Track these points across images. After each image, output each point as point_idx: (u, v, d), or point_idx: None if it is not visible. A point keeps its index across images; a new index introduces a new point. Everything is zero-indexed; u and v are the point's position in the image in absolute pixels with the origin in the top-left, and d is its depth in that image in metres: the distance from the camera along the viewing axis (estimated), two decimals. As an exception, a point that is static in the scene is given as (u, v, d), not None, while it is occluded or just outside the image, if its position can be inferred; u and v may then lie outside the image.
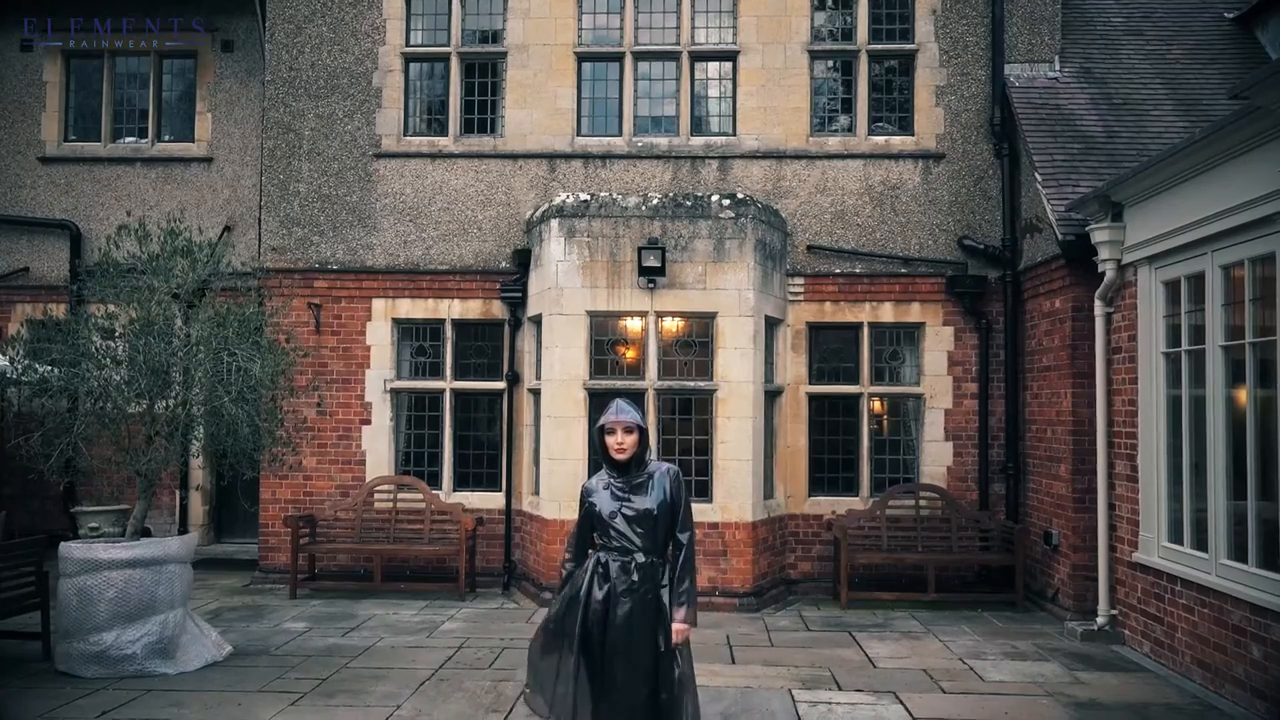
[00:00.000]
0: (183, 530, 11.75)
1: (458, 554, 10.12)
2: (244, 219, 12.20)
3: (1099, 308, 8.52)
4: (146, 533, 8.01)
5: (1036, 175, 9.42)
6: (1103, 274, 8.39)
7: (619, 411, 4.73)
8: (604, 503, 4.69)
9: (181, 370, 7.34)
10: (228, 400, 7.22)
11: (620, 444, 4.69)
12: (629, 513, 4.64)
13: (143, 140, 12.65)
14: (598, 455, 4.80)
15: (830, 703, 6.60)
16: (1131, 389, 8.12)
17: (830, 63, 11.08)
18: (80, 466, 7.22)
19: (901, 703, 6.61)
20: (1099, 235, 8.27)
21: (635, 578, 4.56)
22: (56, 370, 7.32)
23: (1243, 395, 6.65)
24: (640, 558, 4.60)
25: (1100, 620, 8.40)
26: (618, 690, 4.50)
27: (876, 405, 10.85)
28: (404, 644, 8.10)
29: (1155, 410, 7.71)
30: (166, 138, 12.70)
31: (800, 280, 10.65)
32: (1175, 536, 7.50)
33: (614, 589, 4.56)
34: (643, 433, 4.77)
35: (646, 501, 4.66)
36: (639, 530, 4.61)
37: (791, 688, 6.92)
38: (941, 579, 10.01)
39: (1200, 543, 7.13)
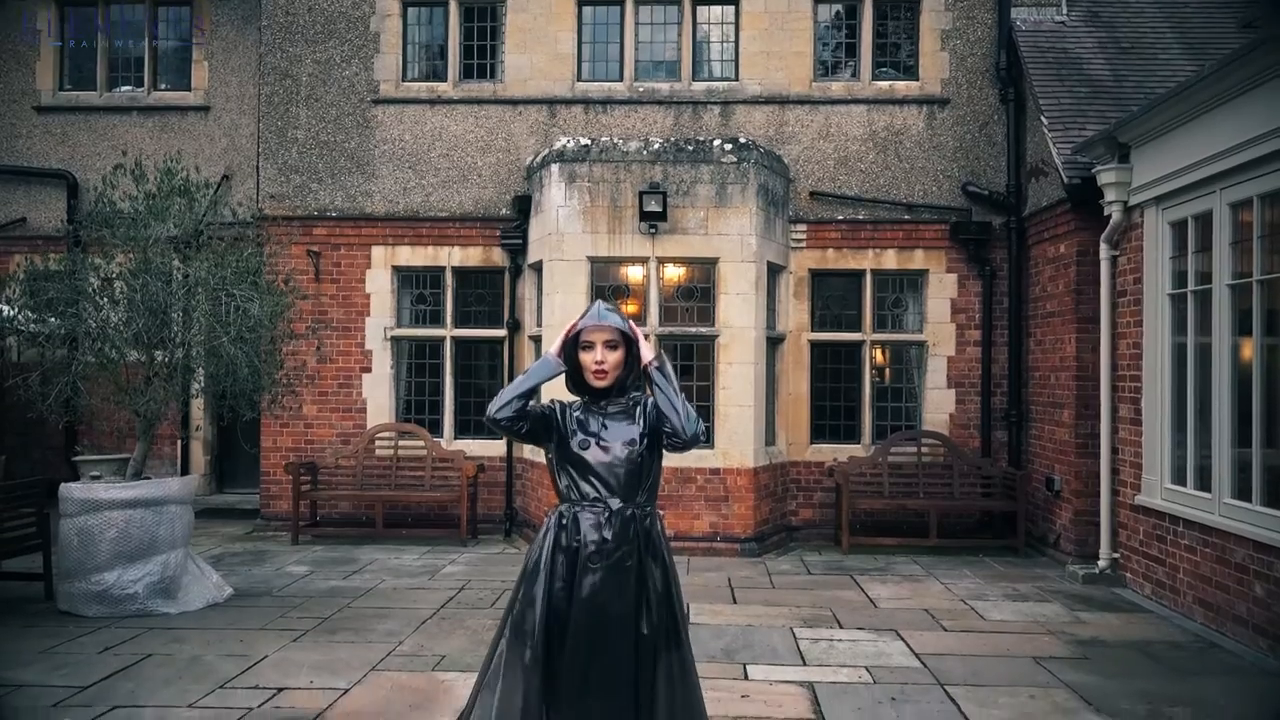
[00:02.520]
0: (184, 479, 11.75)
1: (459, 500, 10.12)
2: (242, 168, 12.09)
3: (1104, 251, 8.44)
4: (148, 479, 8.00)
5: (1043, 119, 9.31)
6: (1108, 217, 8.31)
7: (599, 316, 3.49)
8: (574, 431, 3.51)
9: (180, 311, 7.29)
10: (226, 340, 7.17)
11: (600, 362, 3.47)
12: (605, 446, 3.47)
13: (139, 89, 12.51)
14: (570, 380, 3.62)
15: (831, 640, 6.60)
16: (1136, 332, 8.07)
17: (834, 6, 10.92)
18: (79, 406, 7.18)
19: (903, 640, 6.62)
20: (1105, 177, 8.18)
21: (607, 535, 3.38)
22: (55, 320, 7.27)
23: (1248, 340, 6.60)
24: (615, 505, 3.43)
25: (1102, 563, 8.40)
26: (590, 695, 3.32)
27: (879, 353, 10.81)
28: (405, 586, 8.11)
29: (1160, 353, 7.66)
30: (163, 86, 12.55)
31: (803, 227, 10.56)
32: (1178, 479, 7.47)
33: (580, 553, 3.38)
34: (630, 347, 3.52)
35: (627, 430, 3.50)
36: (618, 471, 3.45)
37: (793, 626, 6.93)
38: (943, 525, 10.01)
39: (1203, 484, 7.10)
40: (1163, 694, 5.52)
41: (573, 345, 3.53)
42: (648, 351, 3.52)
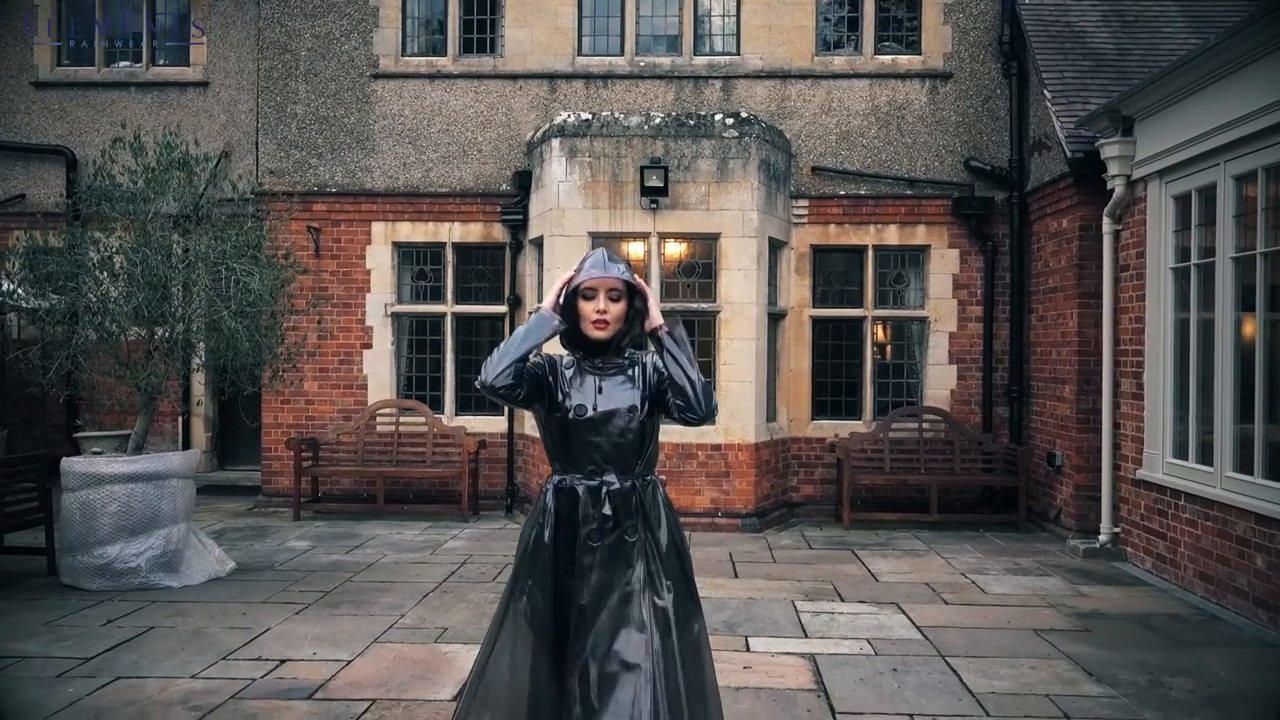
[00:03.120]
0: (186, 456, 11.76)
1: (460, 476, 10.13)
2: (241, 144, 12.03)
3: (1107, 225, 8.41)
4: (149, 452, 8.01)
5: (1046, 93, 9.25)
6: (1111, 191, 8.27)
7: (604, 264, 3.19)
8: (569, 394, 3.21)
9: (180, 285, 7.27)
10: (227, 315, 7.15)
11: (603, 312, 3.17)
12: (602, 412, 3.17)
13: (137, 64, 12.44)
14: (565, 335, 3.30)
15: (833, 612, 6.62)
16: (1139, 306, 8.05)
17: (836, -20, 10.85)
18: (80, 380, 7.17)
19: (904, 613, 6.63)
20: (1109, 150, 8.13)
21: (606, 511, 3.11)
22: (55, 295, 7.24)
23: (1251, 315, 6.58)
24: (612, 478, 3.16)
25: (1102, 538, 8.42)
26: (602, 679, 3.00)
27: (880, 329, 10.79)
28: (407, 560, 8.13)
29: (1162, 327, 7.64)
30: (161, 62, 12.49)
31: (804, 202, 10.52)
32: (1180, 453, 7.47)
33: (579, 532, 3.13)
34: (635, 299, 3.23)
35: (627, 394, 3.20)
36: (617, 440, 3.17)
37: (794, 599, 6.94)
38: (944, 500, 10.02)
39: (1205, 458, 7.10)
40: (1163, 665, 5.54)
41: (571, 296, 3.20)
42: (656, 313, 3.22)
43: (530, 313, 10.38)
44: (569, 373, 3.25)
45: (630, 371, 3.26)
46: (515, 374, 3.12)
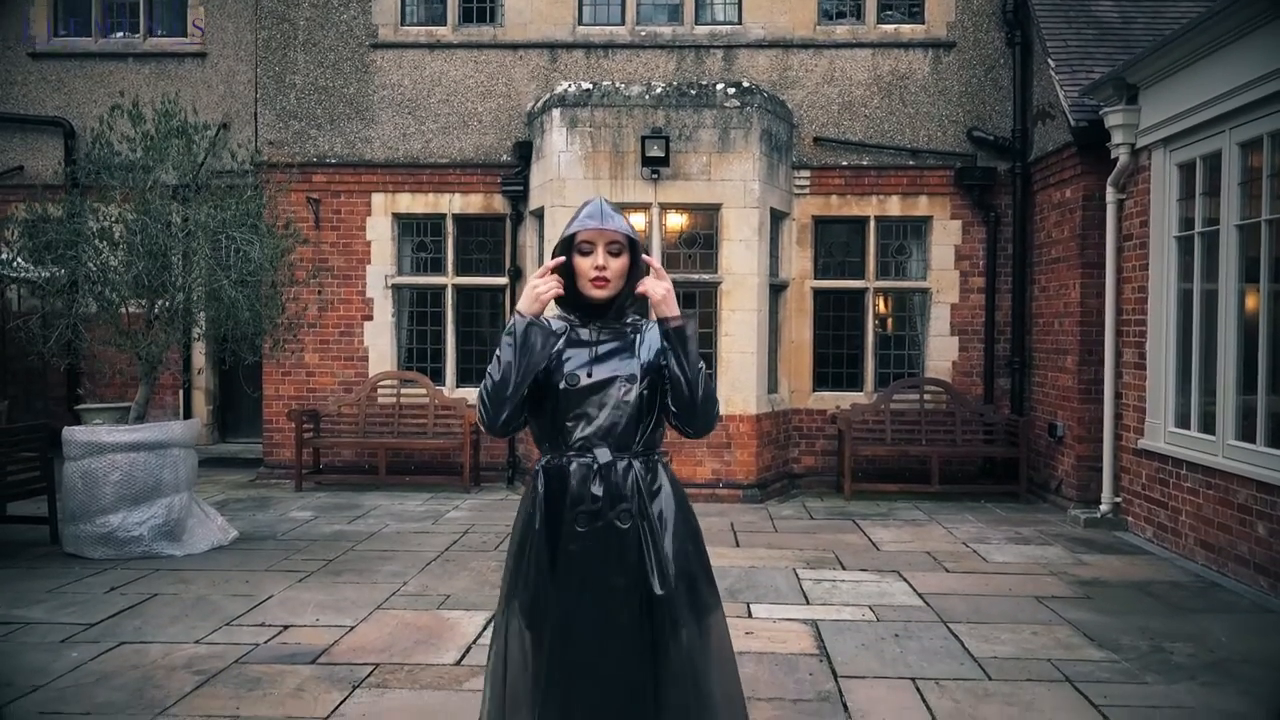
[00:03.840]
0: (187, 428, 11.76)
1: (461, 448, 10.13)
2: (240, 115, 11.97)
3: (1110, 194, 8.37)
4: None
5: (1050, 61, 9.19)
6: (1115, 160, 8.23)
7: (601, 214, 2.80)
8: (561, 362, 2.78)
9: (180, 254, 7.24)
10: (227, 284, 7.13)
11: (602, 268, 2.77)
12: (598, 383, 2.76)
13: (135, 35, 12.36)
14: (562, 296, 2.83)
15: (834, 580, 6.63)
16: (1142, 276, 8.02)
17: (839, -52, 10.76)
18: (80, 348, 7.16)
19: (905, 580, 6.64)
20: (1113, 119, 8.08)
21: (597, 492, 2.70)
22: (55, 263, 7.21)
23: (1254, 285, 6.56)
24: (605, 457, 2.73)
25: (1104, 507, 8.43)
26: (601, 679, 2.65)
27: (882, 300, 10.76)
28: (409, 530, 8.14)
29: (1165, 296, 7.62)
30: (159, 32, 12.40)
31: (806, 173, 10.47)
32: (1182, 422, 7.47)
33: (565, 516, 2.71)
34: (635, 254, 2.83)
35: (625, 363, 2.79)
36: (613, 414, 2.75)
37: (796, 567, 6.96)
38: (945, 471, 10.03)
39: (1207, 427, 7.10)
40: (1164, 630, 5.55)
41: (566, 249, 2.79)
42: (671, 300, 2.77)
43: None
44: (559, 340, 2.81)
45: (631, 339, 2.84)
46: (518, 406, 2.72)
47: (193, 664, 4.88)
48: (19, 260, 7.25)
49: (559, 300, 2.83)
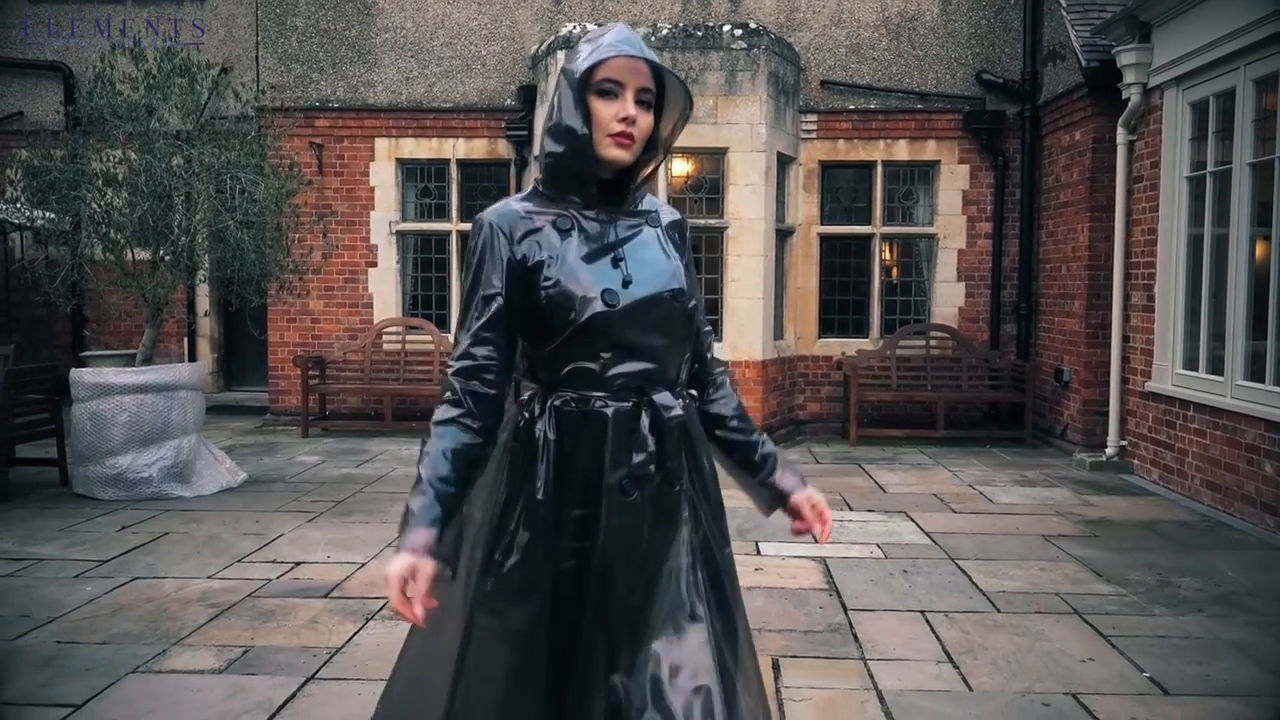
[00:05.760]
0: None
1: (468, 394, 10.12)
2: (241, 60, 11.81)
3: (1121, 135, 8.29)
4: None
5: (1061, 1, 9.06)
6: (1127, 100, 8.14)
7: (631, 42, 2.01)
8: (574, 267, 2.01)
9: (184, 195, 7.20)
10: (232, 225, 7.09)
11: (629, 120, 1.99)
12: (643, 295, 2.04)
13: (133, -23, 12.19)
14: (553, 151, 2.05)
15: (842, 520, 6.66)
16: (1152, 218, 7.97)
17: (848, -114, 10.57)
18: (85, 289, 7.15)
19: (913, 520, 6.67)
20: (1125, 58, 7.98)
21: (651, 446, 2.01)
22: (58, 205, 7.16)
23: (1266, 228, 6.51)
24: (659, 395, 2.04)
25: (1109, 451, 8.44)
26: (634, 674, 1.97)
27: (888, 246, 10.71)
28: (417, 473, 8.16)
29: (1175, 238, 7.57)
30: (157, -25, 12.23)
31: (813, 117, 10.37)
32: (1190, 365, 7.46)
33: (605, 481, 1.98)
34: (659, 111, 2.07)
35: (662, 262, 2.11)
36: (660, 337, 2.06)
37: (803, 508, 6.98)
38: (950, 417, 10.04)
39: (1215, 369, 7.09)
40: (1171, 566, 5.58)
41: (575, 89, 1.99)
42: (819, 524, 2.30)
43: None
44: (555, 237, 2.03)
45: (654, 231, 2.15)
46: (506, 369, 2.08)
47: (206, 597, 4.91)
48: (21, 200, 7.19)
49: (552, 170, 2.06)
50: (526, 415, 2.06)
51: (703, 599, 2.05)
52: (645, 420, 2.01)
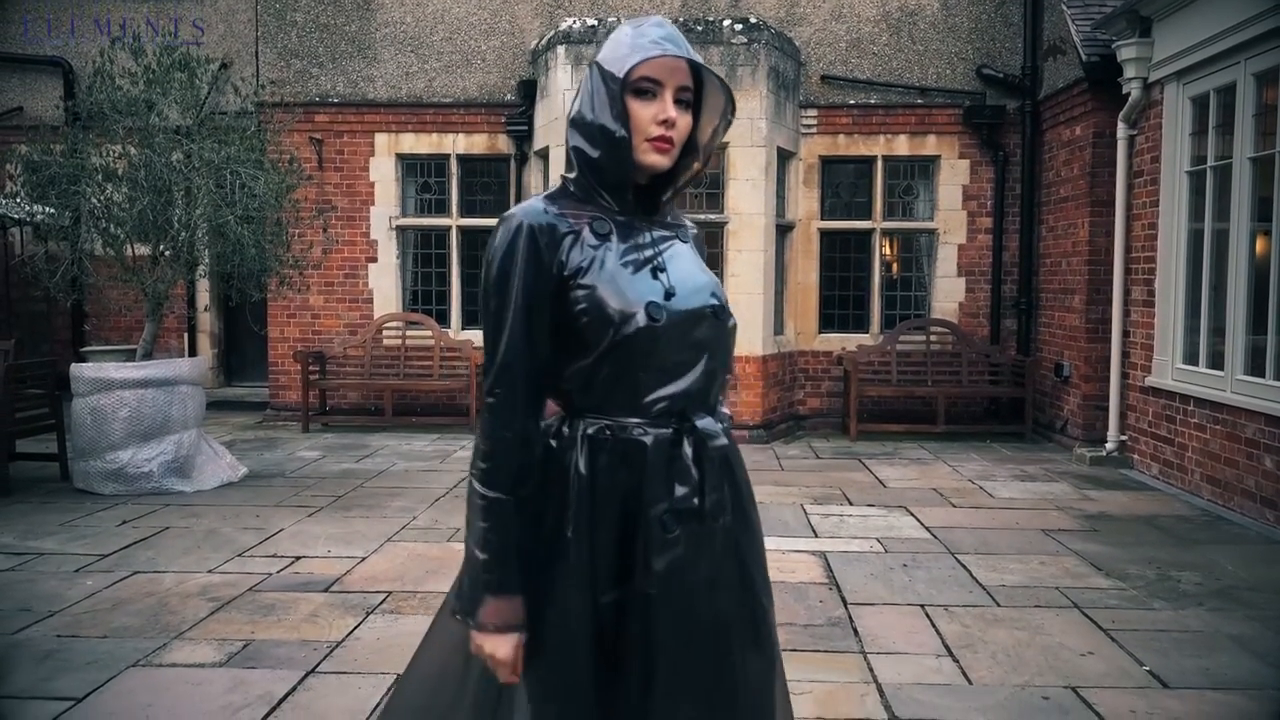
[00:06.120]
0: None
1: (468, 389, 10.14)
2: (240, 55, 11.79)
3: (1122, 130, 8.28)
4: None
5: (1062, -5, 9.06)
6: (1127, 95, 8.13)
7: (673, 38, 1.86)
8: (614, 275, 1.82)
9: (184, 190, 7.19)
10: (232, 220, 7.08)
11: (669, 123, 1.84)
12: (687, 306, 1.86)
13: (132, -27, 12.17)
14: (584, 161, 1.89)
15: (842, 515, 6.66)
16: (1152, 213, 7.96)
17: (848, -119, 10.55)
18: (85, 284, 7.15)
19: (913, 515, 6.67)
20: (1125, 53, 7.98)
21: (694, 474, 1.83)
22: (57, 199, 7.15)
23: (1267, 223, 6.50)
24: (702, 421, 1.85)
25: (1109, 446, 8.44)
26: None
27: (889, 241, 10.70)
28: (417, 468, 8.17)
29: (1175, 232, 7.57)
30: (156, -29, 12.21)
31: (813, 112, 10.36)
32: (1190, 359, 7.46)
33: (647, 515, 1.80)
34: (697, 113, 1.91)
35: (701, 275, 1.94)
36: (707, 359, 1.88)
37: (803, 503, 6.99)
38: (950, 412, 10.04)
39: (1216, 364, 7.09)
40: (1171, 560, 5.58)
41: (615, 91, 1.82)
42: None
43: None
44: (592, 241, 1.85)
45: (687, 242, 2.01)
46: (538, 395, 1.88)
47: (206, 592, 4.91)
48: (21, 195, 7.18)
49: (586, 174, 1.89)
50: (553, 443, 1.85)
51: (767, 600, 1.97)
52: (687, 449, 1.83)
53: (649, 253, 1.88)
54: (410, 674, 2.13)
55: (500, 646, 1.78)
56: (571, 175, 1.91)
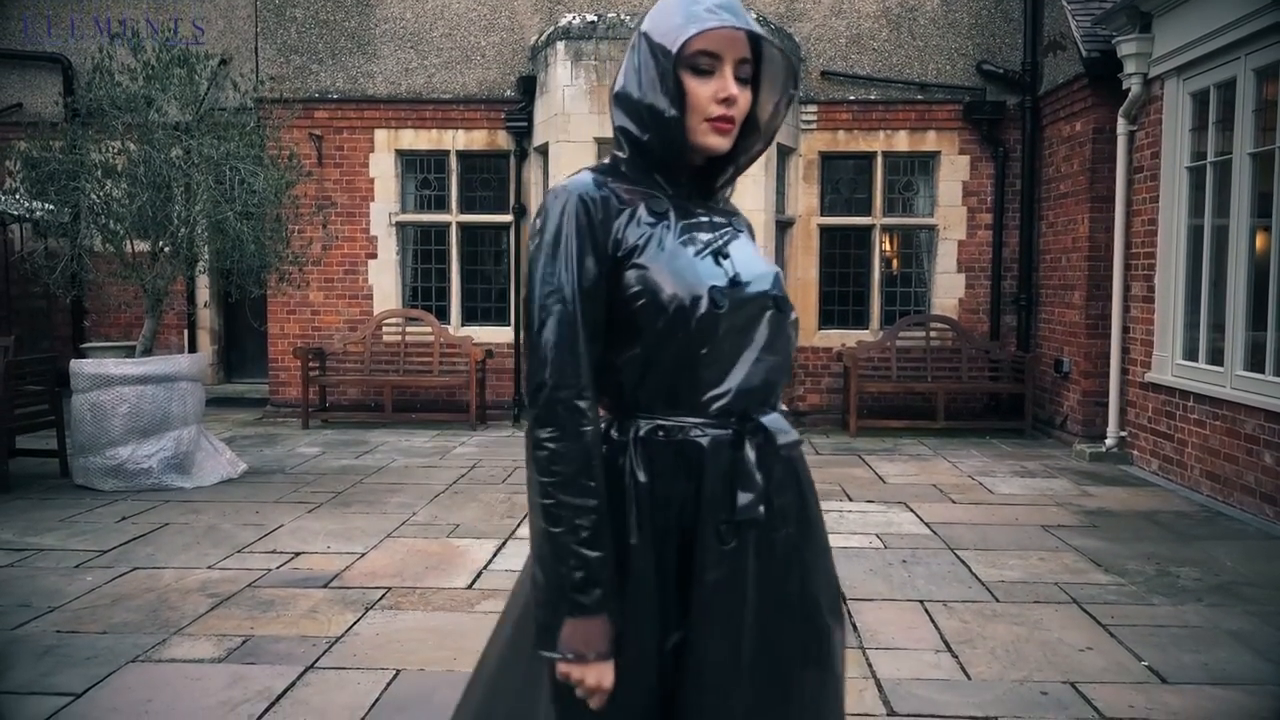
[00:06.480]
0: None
1: (467, 386, 10.14)
2: (240, 51, 11.80)
3: (1122, 126, 8.28)
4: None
5: (1062, -9, 9.05)
6: (1127, 90, 8.12)
7: (727, 8, 1.67)
8: (674, 255, 1.66)
9: (183, 187, 7.19)
10: (232, 216, 7.08)
11: (729, 100, 1.67)
12: (752, 291, 1.71)
13: (131, -31, 12.16)
14: (631, 138, 1.73)
15: (842, 511, 6.67)
16: (1152, 209, 7.96)
17: (848, -124, 10.53)
18: (85, 280, 7.15)
19: (912, 510, 6.68)
20: (1126, 48, 7.97)
21: (758, 479, 1.66)
22: (56, 196, 7.15)
23: (1266, 219, 6.50)
24: (770, 420, 1.71)
25: (1109, 442, 8.44)
26: None
27: (888, 237, 10.70)
28: (417, 464, 8.17)
29: (1175, 228, 7.57)
30: (156, -33, 12.20)
31: (813, 108, 10.36)
32: (1190, 355, 7.46)
33: (700, 523, 1.64)
34: (756, 87, 1.75)
35: (760, 262, 1.77)
36: (770, 354, 1.73)
37: (803, 499, 6.98)
38: (950, 408, 10.04)
39: (1215, 360, 7.09)
40: (1170, 556, 5.59)
41: (668, 67, 1.66)
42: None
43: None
44: (649, 218, 1.68)
45: (743, 230, 1.85)
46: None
47: (206, 587, 4.92)
48: (20, 192, 7.18)
49: (636, 156, 1.74)
50: (604, 446, 1.66)
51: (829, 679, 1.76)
52: (750, 451, 1.66)
53: (709, 235, 1.72)
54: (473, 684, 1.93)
55: (606, 675, 1.59)
56: (623, 155, 1.75)
